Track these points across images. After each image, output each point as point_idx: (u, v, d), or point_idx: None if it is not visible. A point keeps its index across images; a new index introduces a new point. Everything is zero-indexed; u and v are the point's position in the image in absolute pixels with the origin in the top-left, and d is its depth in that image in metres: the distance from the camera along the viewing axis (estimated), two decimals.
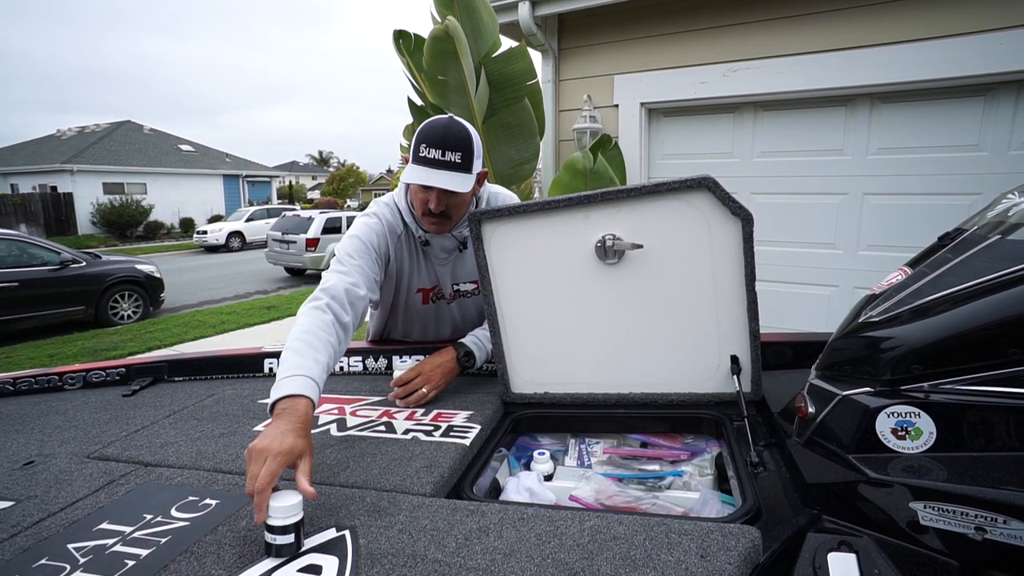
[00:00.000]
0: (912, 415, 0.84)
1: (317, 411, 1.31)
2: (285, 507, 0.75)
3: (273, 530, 0.76)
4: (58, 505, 0.93)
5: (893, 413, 0.85)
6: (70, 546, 0.81)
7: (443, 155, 1.27)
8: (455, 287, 1.56)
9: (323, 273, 1.34)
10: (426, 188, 1.32)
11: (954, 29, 2.85)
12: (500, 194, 1.55)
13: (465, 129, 1.31)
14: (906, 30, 2.95)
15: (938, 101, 3.06)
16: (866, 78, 3.06)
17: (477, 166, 1.34)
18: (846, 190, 3.33)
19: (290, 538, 0.76)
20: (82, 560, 0.78)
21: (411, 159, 1.32)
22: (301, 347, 1.09)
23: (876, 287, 1.04)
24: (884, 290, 0.99)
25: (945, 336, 0.84)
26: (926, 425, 0.84)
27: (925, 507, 0.76)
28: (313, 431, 1.20)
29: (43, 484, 1.02)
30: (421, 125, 1.31)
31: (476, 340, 1.44)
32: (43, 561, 0.78)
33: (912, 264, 1.02)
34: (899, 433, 0.85)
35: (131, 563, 0.76)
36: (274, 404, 0.97)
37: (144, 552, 0.79)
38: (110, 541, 0.82)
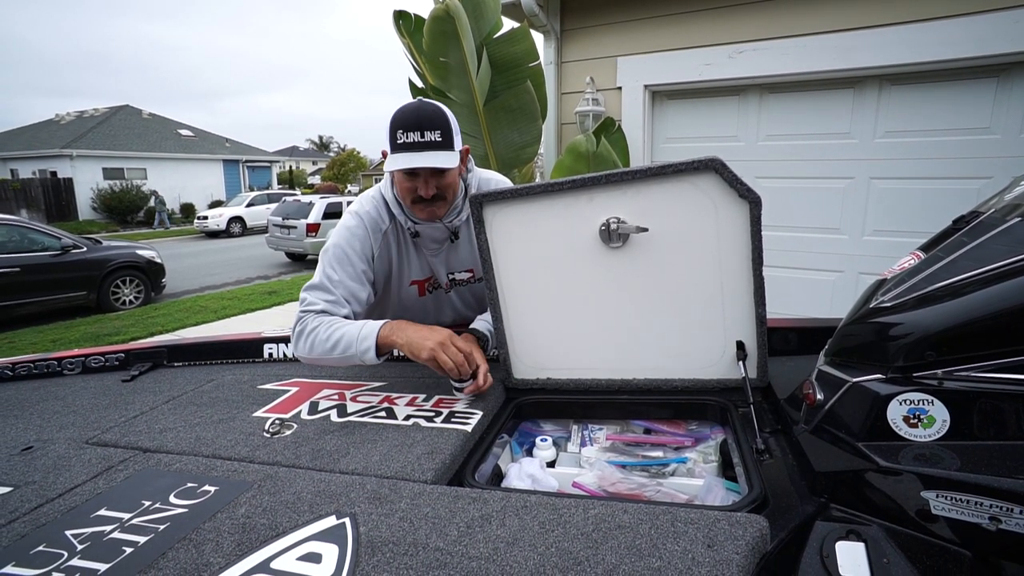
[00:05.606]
0: (925, 402, 0.82)
1: (316, 396, 1.31)
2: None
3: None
4: (56, 491, 0.93)
5: (905, 400, 0.83)
6: (68, 532, 0.80)
7: (422, 136, 1.23)
8: (451, 276, 1.53)
9: (303, 292, 1.35)
10: (412, 175, 1.29)
11: (966, 8, 2.78)
12: (492, 179, 1.50)
13: (438, 107, 1.28)
14: (917, 9, 2.88)
15: (949, 82, 2.99)
16: (875, 59, 2.99)
17: (458, 143, 1.30)
18: (852, 174, 3.28)
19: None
20: (80, 547, 0.77)
21: (389, 149, 1.28)
22: (339, 324, 1.27)
23: (887, 272, 1.01)
24: (896, 275, 0.97)
25: (961, 322, 0.82)
26: (939, 413, 0.82)
27: (937, 496, 0.74)
28: (312, 417, 1.20)
29: (41, 470, 1.01)
30: (392, 113, 1.27)
31: (487, 325, 1.41)
32: (40, 548, 0.77)
33: (925, 248, 1.00)
34: (911, 421, 0.83)
35: (129, 550, 0.75)
36: (377, 343, 1.21)
37: (142, 539, 0.78)
38: (108, 528, 0.81)
